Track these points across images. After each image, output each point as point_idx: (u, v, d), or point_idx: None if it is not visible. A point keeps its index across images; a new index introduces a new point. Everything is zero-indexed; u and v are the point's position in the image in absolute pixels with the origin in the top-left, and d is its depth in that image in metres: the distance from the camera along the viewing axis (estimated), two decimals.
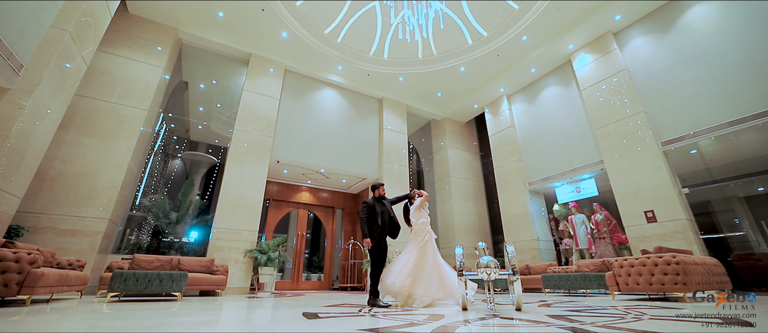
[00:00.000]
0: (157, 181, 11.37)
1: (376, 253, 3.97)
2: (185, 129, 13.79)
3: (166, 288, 4.15)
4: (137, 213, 7.56)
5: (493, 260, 3.03)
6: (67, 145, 5.89)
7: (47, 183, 5.60)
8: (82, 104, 6.21)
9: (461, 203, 10.92)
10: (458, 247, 3.52)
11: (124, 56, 6.85)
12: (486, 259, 3.01)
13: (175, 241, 7.28)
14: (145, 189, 8.34)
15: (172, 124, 12.57)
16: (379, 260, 3.97)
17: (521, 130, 10.07)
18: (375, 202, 4.24)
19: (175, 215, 7.77)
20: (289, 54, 8.92)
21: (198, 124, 12.48)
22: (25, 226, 5.27)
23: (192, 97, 10.83)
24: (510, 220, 9.52)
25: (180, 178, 13.96)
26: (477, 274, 3.06)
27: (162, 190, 9.71)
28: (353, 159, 9.49)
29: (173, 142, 13.61)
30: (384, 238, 4.09)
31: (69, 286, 4.09)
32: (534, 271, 8.00)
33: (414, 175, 14.05)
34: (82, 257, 5.51)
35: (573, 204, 8.68)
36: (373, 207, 4.15)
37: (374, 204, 4.19)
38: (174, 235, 7.48)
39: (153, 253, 6.67)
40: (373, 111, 10.52)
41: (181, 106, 11.48)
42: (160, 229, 7.58)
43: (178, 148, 14.18)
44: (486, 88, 10.36)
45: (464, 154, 11.89)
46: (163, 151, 12.57)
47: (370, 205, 4.17)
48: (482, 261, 3.02)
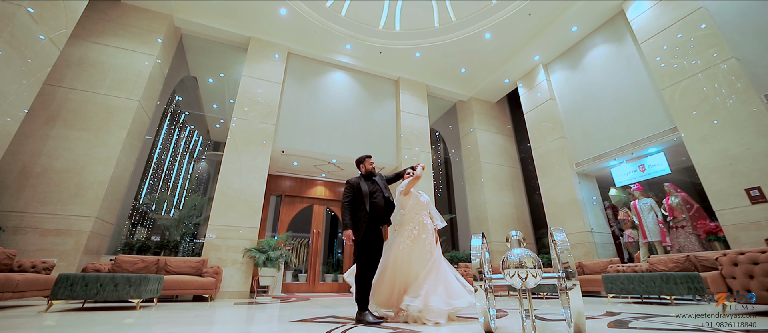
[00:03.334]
0: (185, 183, 11.29)
1: (365, 249, 2.94)
2: (206, 130, 13.75)
3: (122, 294, 3.47)
4: (139, 211, 7.20)
5: (531, 255, 1.86)
6: (53, 140, 5.55)
7: (32, 180, 5.27)
8: (70, 97, 5.88)
9: (495, 192, 9.52)
10: (475, 237, 2.39)
11: (116, 46, 6.48)
12: (519, 253, 1.85)
13: (176, 240, 6.79)
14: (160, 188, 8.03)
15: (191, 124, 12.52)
16: (369, 259, 2.93)
17: (563, 103, 8.47)
18: (361, 180, 3.21)
19: (177, 213, 7.34)
20: (291, 35, 8.17)
21: (216, 122, 12.29)
22: (7, 225, 4.95)
23: (205, 95, 10.55)
24: (554, 210, 7.99)
25: (207, 181, 13.97)
26: (506, 277, 1.91)
27: (194, 194, 9.46)
28: (368, 147, 8.51)
29: (195, 143, 13.63)
30: (376, 228, 3.04)
31: (19, 292, 3.54)
32: (589, 270, 6.49)
33: (442, 165, 12.81)
34: (67, 258, 5.11)
35: (636, 186, 6.99)
36: (358, 187, 3.12)
37: (360, 182, 3.17)
38: (177, 234, 7.02)
39: (154, 252, 6.21)
40: (388, 94, 9.49)
41: (196, 104, 11.31)
42: (163, 227, 7.18)
43: (201, 150, 14.21)
44: (517, 58, 8.88)
45: (496, 138, 10.43)
46: (188, 153, 12.57)
47: (354, 184, 3.15)
48: (512, 255, 1.86)
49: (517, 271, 1.69)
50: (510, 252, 1.79)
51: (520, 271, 1.68)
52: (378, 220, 3.07)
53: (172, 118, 10.09)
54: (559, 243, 1.79)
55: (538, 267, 1.71)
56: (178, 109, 10.39)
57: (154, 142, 8.09)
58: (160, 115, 7.98)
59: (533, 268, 1.68)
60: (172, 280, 4.77)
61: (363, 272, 2.87)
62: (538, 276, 1.69)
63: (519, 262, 1.70)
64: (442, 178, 12.72)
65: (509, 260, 1.75)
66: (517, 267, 1.70)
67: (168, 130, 9.81)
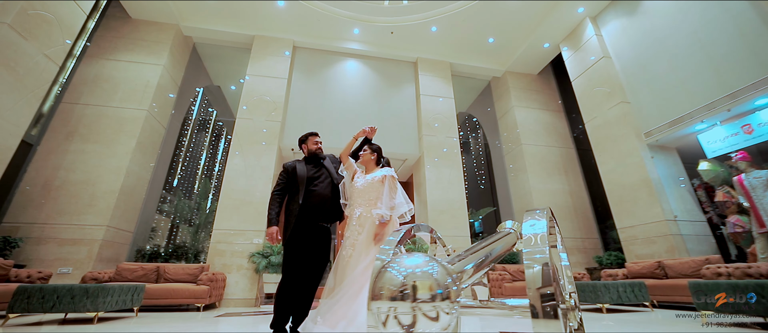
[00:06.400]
0: (210, 190, 11.72)
1: (291, 253, 2.18)
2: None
3: (79, 306, 3.22)
4: (161, 218, 7.40)
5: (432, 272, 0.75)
6: (71, 154, 5.83)
7: (52, 193, 5.56)
8: (86, 112, 6.16)
9: (541, 178, 7.98)
10: (422, 226, 1.48)
11: (126, 60, 6.70)
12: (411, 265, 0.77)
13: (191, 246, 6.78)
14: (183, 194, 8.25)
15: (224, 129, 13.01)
16: (294, 267, 2.13)
17: (621, 59, 6.69)
18: (299, 164, 2.46)
19: (196, 219, 7.38)
20: (294, 27, 7.77)
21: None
22: (30, 236, 5.25)
23: (231, 102, 10.79)
24: (620, 194, 6.31)
25: None
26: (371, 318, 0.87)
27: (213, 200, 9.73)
28: (386, 137, 7.69)
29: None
30: (314, 225, 2.26)
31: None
32: (674, 273, 4.87)
33: (482, 153, 11.39)
34: (81, 267, 5.25)
35: (740, 154, 5.07)
36: (293, 172, 2.38)
37: (296, 166, 2.42)
38: (197, 240, 7.03)
39: (164, 259, 6.23)
40: (406, 77, 8.58)
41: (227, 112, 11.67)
42: (183, 234, 7.28)
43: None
44: (555, 15, 7.30)
45: (541, 115, 8.82)
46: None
47: (288, 168, 2.41)
48: (394, 270, 0.76)
49: (392, 308, 0.75)
50: (395, 261, 0.86)
51: (398, 306, 0.75)
52: (316, 215, 2.29)
53: (203, 127, 10.46)
54: (527, 252, 0.79)
55: (447, 296, 0.76)
56: (208, 117, 10.75)
57: (180, 151, 8.33)
58: (180, 125, 8.18)
59: (434, 298, 0.74)
60: (159, 288, 4.55)
61: (282, 286, 2.11)
62: (447, 313, 0.75)
63: (400, 289, 0.76)
64: (484, 168, 11.31)
65: (385, 279, 0.81)
66: (395, 299, 0.76)
67: (199, 139, 10.18)
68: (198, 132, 9.52)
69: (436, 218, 7.02)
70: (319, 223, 2.29)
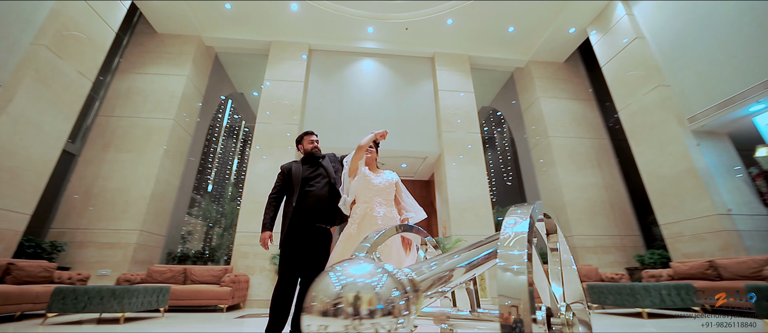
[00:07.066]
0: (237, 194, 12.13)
1: (286, 257, 2.12)
2: None
3: (107, 307, 3.39)
4: (190, 222, 7.73)
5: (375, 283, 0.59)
6: (108, 163, 6.24)
7: (92, 200, 5.97)
8: (120, 124, 6.57)
9: (572, 172, 7.48)
10: (412, 226, 1.35)
11: (154, 73, 7.08)
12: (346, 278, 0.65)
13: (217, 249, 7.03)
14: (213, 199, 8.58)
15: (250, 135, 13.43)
16: (289, 271, 2.06)
17: (658, 39, 6.10)
18: (294, 164, 2.40)
19: (224, 222, 7.65)
20: (309, 30, 7.84)
21: None
22: (74, 240, 5.66)
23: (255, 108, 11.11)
24: (661, 187, 5.76)
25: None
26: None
27: (232, 203, 10.08)
28: (404, 135, 7.59)
29: None
30: (310, 227, 2.19)
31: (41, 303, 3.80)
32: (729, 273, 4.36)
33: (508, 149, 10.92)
34: (118, 269, 5.58)
35: None
36: (289, 173, 2.33)
37: (292, 167, 2.37)
38: (223, 242, 7.29)
39: (192, 262, 6.50)
40: (423, 74, 8.38)
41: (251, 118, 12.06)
42: (212, 236, 7.57)
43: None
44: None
45: (568, 105, 8.28)
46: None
47: (285, 170, 2.37)
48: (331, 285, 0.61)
49: (322, 326, 0.61)
50: (341, 266, 0.72)
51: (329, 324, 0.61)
52: (312, 216, 2.22)
53: (230, 133, 10.86)
54: (500, 255, 0.63)
55: (389, 312, 0.62)
56: (235, 124, 11.15)
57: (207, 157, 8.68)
58: (206, 131, 8.53)
59: (373, 314, 0.60)
60: (184, 289, 4.73)
61: (278, 289, 2.05)
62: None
63: (333, 302, 0.62)
64: (511, 164, 10.83)
65: (319, 289, 0.66)
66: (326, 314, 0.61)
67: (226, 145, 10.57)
68: (223, 138, 9.88)
69: (458, 217, 6.78)
70: (315, 225, 2.22)
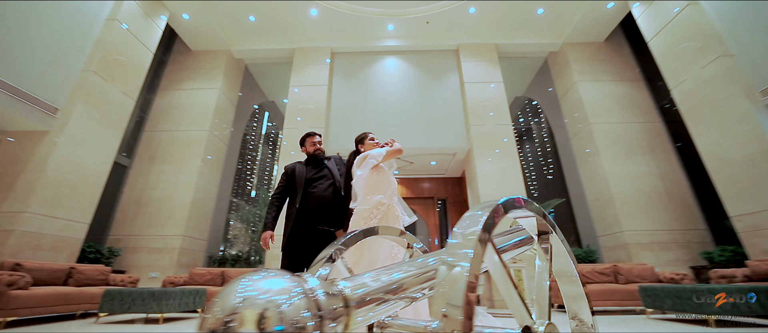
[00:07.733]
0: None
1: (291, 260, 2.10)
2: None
3: (147, 308, 3.65)
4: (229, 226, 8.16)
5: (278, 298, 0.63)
6: (154, 175, 6.78)
7: (142, 208, 6.52)
8: (162, 138, 7.12)
9: (620, 161, 6.79)
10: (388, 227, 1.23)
11: (189, 88, 7.58)
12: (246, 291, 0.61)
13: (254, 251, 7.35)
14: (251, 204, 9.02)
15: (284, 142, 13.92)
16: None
17: (717, 2, 5.29)
18: (298, 165, 2.38)
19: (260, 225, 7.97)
20: (329, 34, 7.93)
21: None
22: (127, 246, 6.22)
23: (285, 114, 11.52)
24: (728, 173, 5.00)
25: None
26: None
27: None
28: (431, 132, 7.39)
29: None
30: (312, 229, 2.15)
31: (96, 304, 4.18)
32: None
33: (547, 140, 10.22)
34: (166, 272, 6.04)
35: None
36: (292, 174, 2.31)
37: (296, 167, 2.34)
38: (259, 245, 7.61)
39: (231, 265, 6.85)
40: (448, 67, 8.11)
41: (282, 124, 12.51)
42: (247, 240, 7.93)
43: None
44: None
45: (611, 87, 7.53)
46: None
47: (288, 170, 2.36)
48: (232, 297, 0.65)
49: None
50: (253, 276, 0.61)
51: None
52: (314, 218, 2.18)
53: (265, 140, 11.35)
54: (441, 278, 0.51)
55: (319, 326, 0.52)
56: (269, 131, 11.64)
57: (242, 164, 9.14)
58: (241, 140, 8.97)
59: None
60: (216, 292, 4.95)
61: None
62: None
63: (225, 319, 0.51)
64: (551, 155, 10.12)
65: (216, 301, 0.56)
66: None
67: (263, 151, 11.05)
68: (258, 145, 10.33)
69: None
70: (318, 227, 2.18)
